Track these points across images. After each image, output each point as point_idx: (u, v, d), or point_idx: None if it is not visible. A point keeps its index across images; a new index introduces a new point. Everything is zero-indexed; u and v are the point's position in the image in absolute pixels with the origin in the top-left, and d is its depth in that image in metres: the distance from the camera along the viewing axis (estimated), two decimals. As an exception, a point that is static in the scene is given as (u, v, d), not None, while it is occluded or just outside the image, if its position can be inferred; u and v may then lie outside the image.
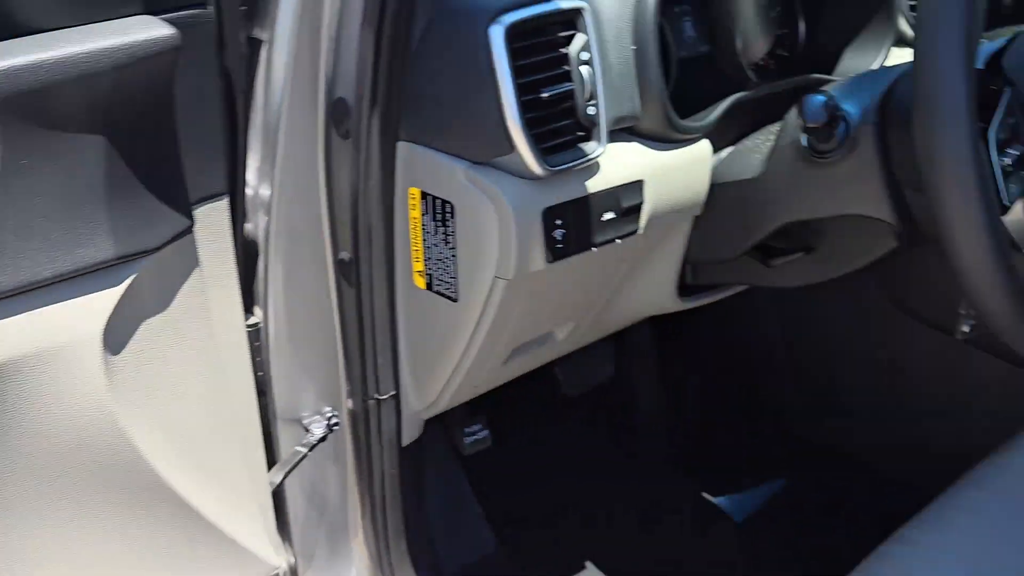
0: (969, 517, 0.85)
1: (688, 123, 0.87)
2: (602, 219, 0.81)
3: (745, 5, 1.00)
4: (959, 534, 0.83)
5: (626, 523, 1.43)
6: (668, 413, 1.60)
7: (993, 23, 1.17)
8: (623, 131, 0.84)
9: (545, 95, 0.74)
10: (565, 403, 1.45)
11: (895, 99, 0.78)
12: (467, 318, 0.85)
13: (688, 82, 0.99)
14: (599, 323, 1.04)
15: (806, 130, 0.79)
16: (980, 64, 0.72)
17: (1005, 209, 0.67)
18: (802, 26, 1.08)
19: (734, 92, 0.96)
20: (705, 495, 1.47)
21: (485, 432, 1.18)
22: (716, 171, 0.92)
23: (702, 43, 1.02)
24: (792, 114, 0.83)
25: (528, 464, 1.46)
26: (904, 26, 1.08)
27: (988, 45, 0.75)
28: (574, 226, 0.80)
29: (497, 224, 0.77)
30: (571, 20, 0.76)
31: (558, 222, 0.79)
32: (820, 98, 0.75)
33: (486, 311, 0.83)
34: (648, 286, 1.01)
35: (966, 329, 0.95)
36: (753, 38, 1.01)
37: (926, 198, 0.66)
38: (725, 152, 0.94)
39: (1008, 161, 0.66)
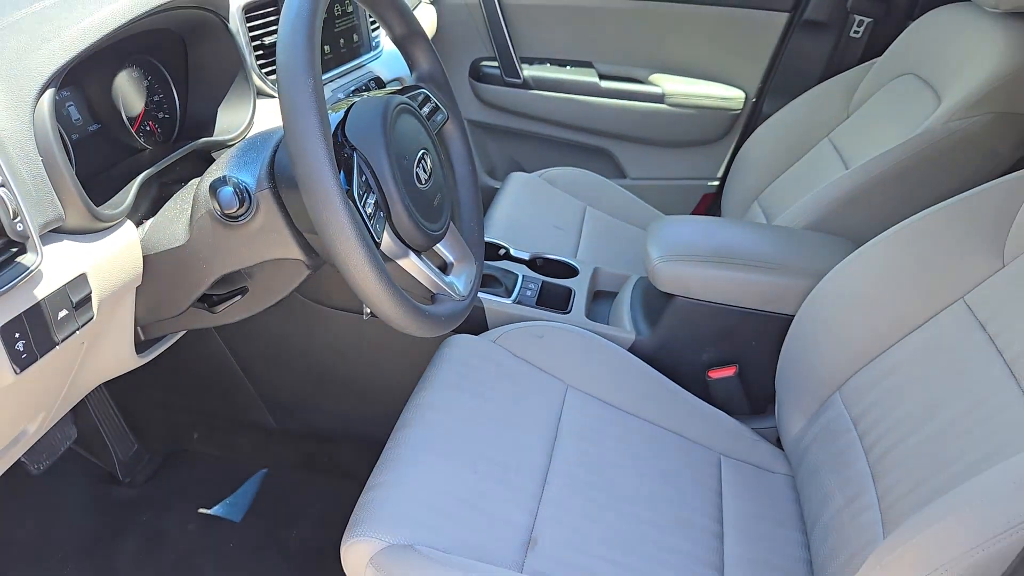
0: (407, 450, 1.15)
1: (108, 211, 0.96)
2: (59, 318, 0.88)
3: (118, 80, 1.12)
4: (405, 465, 1.13)
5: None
6: (140, 452, 1.66)
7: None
8: (53, 233, 0.90)
9: (-30, 226, 0.77)
10: (33, 481, 1.42)
11: (278, 166, 0.99)
12: (-62, 450, 0.84)
13: (93, 162, 1.07)
14: (66, 401, 1.09)
15: (224, 214, 0.95)
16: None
17: (379, 244, 0.94)
18: (175, 92, 1.23)
19: (137, 165, 1.08)
20: (202, 510, 1.59)
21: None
22: (146, 244, 1.03)
23: (91, 122, 1.11)
24: (203, 190, 0.99)
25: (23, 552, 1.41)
26: (260, 83, 1.31)
27: (333, 117, 1.01)
28: (34, 333, 0.85)
29: (-47, 355, 0.78)
30: (-26, 149, 0.80)
31: (17, 335, 0.83)
32: (228, 189, 0.93)
33: (-40, 437, 0.84)
34: (107, 355, 1.08)
35: (368, 310, 1.25)
36: (131, 105, 1.13)
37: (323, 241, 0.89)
38: (148, 224, 1.05)
39: (370, 209, 0.93)
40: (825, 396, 1.26)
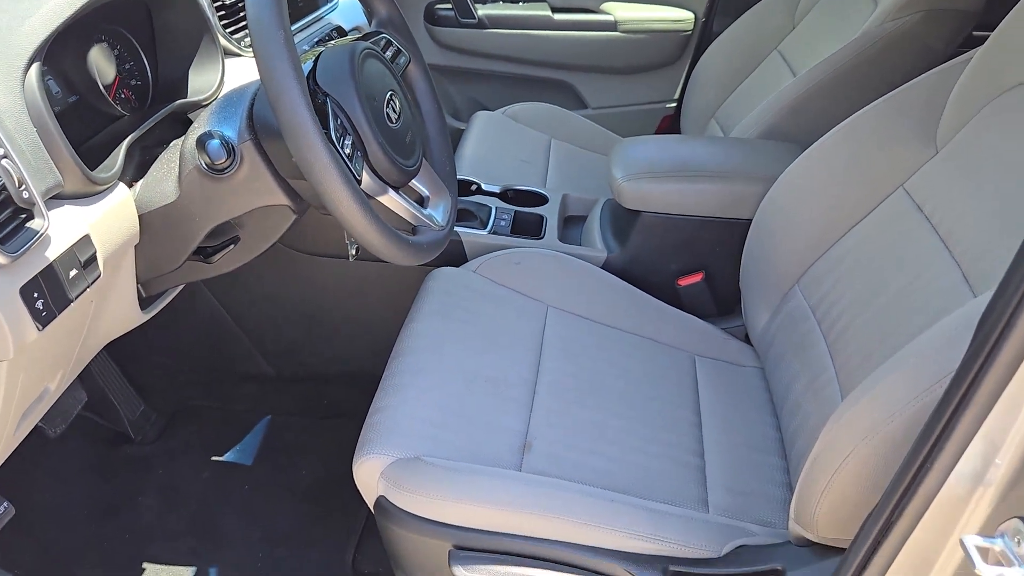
0: (404, 376, 1.24)
1: (102, 174, 1.02)
2: (70, 276, 0.94)
3: (91, 53, 1.16)
4: (403, 389, 1.22)
5: (159, 523, 1.58)
6: (147, 411, 1.74)
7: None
8: (54, 199, 0.97)
9: (-18, 196, 0.84)
10: (54, 443, 1.50)
11: (257, 117, 1.05)
12: (-25, 408, 0.91)
13: (77, 132, 1.13)
14: (80, 359, 1.16)
15: (210, 165, 1.02)
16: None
17: (359, 180, 1.01)
18: (144, 59, 1.27)
19: (118, 131, 1.13)
20: (215, 458, 1.68)
21: (5, 504, 1.20)
22: (139, 204, 1.09)
23: (69, 94, 1.15)
24: (189, 146, 1.05)
25: (50, 514, 1.50)
26: (226, 43, 1.36)
27: (303, 67, 1.06)
28: (50, 292, 0.92)
29: (-19, 317, 0.85)
30: (-26, 124, 0.85)
31: (35, 295, 0.90)
32: (215, 142, 0.99)
33: (-6, 394, 0.91)
34: (114, 312, 1.15)
35: (354, 252, 1.32)
36: (104, 75, 1.18)
37: (309, 185, 0.96)
38: (139, 186, 1.11)
39: (348, 150, 1.00)
40: (785, 289, 1.36)
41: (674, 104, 2.47)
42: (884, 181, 1.26)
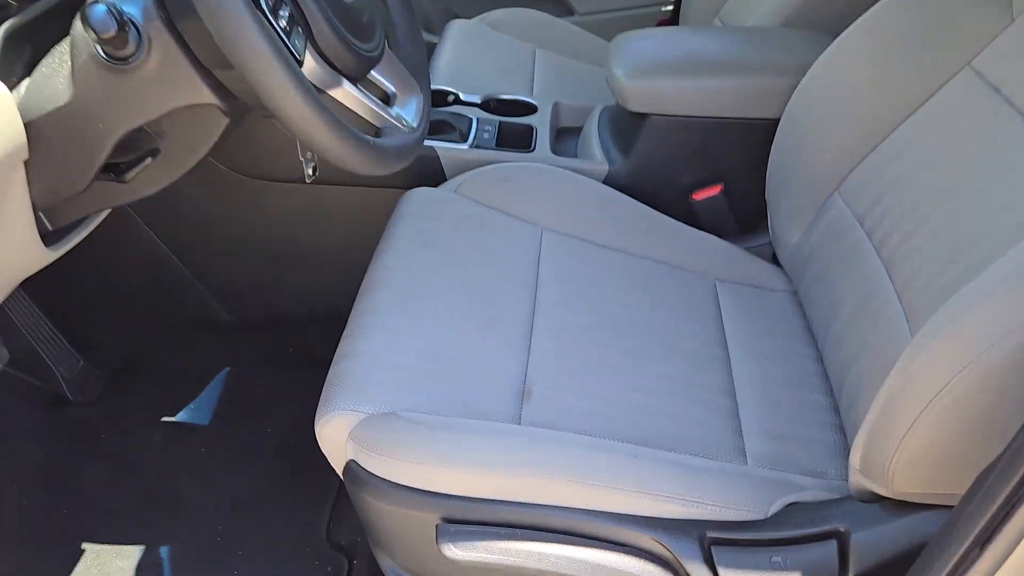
0: (376, 316, 1.03)
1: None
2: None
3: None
4: (375, 330, 1.01)
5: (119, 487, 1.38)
6: (87, 367, 1.53)
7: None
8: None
9: None
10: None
11: None
12: None
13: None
14: (-27, 310, 0.94)
15: (101, 42, 0.78)
16: None
17: (301, 62, 0.78)
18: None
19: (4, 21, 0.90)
20: (167, 418, 1.48)
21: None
22: (25, 108, 0.86)
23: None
24: (78, 29, 0.82)
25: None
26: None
27: None
28: None
29: None
30: None
31: None
32: (101, 7, 0.75)
33: None
34: (9, 251, 0.93)
35: (311, 172, 1.10)
36: None
37: (237, 73, 0.74)
38: (24, 85, 0.88)
39: (284, 23, 0.77)
40: (823, 198, 1.16)
41: (671, 7, 2.23)
42: (945, 60, 1.04)
